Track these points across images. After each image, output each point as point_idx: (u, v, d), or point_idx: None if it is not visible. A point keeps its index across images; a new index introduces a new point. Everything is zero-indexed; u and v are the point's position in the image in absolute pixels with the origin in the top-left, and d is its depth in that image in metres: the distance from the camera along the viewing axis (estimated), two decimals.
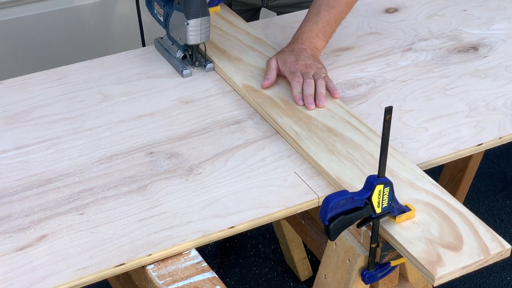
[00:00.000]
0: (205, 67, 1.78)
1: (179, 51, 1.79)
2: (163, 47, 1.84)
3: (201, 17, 1.69)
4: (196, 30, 1.69)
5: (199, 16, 1.68)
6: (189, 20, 1.68)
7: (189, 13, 1.68)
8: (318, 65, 1.68)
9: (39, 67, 1.86)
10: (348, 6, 1.77)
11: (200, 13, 1.68)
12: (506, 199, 2.80)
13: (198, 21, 1.69)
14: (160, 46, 1.85)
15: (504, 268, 2.51)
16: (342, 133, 1.53)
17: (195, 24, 1.69)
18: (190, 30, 1.69)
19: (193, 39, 1.71)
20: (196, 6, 1.67)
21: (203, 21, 1.69)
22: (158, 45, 1.86)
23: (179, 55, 1.79)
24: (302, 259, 2.42)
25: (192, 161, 1.49)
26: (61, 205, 1.38)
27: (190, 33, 1.69)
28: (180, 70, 1.76)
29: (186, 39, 1.71)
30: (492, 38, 1.92)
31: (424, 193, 1.37)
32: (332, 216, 1.22)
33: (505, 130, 1.58)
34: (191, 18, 1.68)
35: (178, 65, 1.77)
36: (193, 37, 1.70)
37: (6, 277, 1.22)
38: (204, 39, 1.72)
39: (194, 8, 1.67)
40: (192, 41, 1.71)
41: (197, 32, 1.70)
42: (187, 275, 1.26)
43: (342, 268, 1.39)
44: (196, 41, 1.72)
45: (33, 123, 1.61)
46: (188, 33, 1.69)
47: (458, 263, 1.23)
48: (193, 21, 1.68)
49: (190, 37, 1.70)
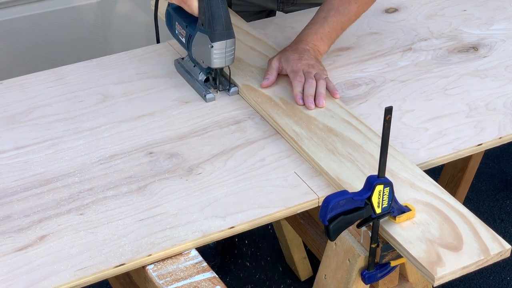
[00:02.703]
0: (229, 90, 1.68)
1: (201, 73, 1.69)
2: (184, 68, 1.75)
3: (226, 39, 1.59)
4: (221, 53, 1.60)
5: (224, 38, 1.59)
6: (213, 43, 1.58)
7: (213, 35, 1.58)
8: (320, 67, 1.69)
9: (39, 67, 1.86)
10: (357, 15, 1.77)
11: (225, 35, 1.59)
12: (506, 199, 2.80)
13: (223, 44, 1.59)
14: (181, 67, 1.76)
15: (504, 268, 2.51)
16: (342, 133, 1.53)
17: (220, 47, 1.59)
18: (215, 53, 1.60)
19: (218, 62, 1.61)
20: (221, 29, 1.57)
21: (228, 44, 1.60)
22: (179, 66, 1.77)
23: (201, 77, 1.69)
24: (302, 259, 2.42)
25: (192, 161, 1.49)
26: (61, 205, 1.38)
27: (214, 56, 1.60)
28: (203, 95, 1.67)
29: (210, 62, 1.62)
30: (492, 38, 1.92)
31: (424, 193, 1.37)
32: (332, 216, 1.22)
33: (505, 130, 1.58)
34: (216, 40, 1.58)
35: (200, 88, 1.68)
36: (217, 60, 1.61)
37: (6, 278, 1.22)
38: (228, 62, 1.63)
39: (219, 30, 1.57)
40: (216, 64, 1.62)
41: (222, 55, 1.60)
42: (187, 275, 1.26)
43: (342, 268, 1.39)
44: (221, 65, 1.62)
45: (33, 123, 1.61)
46: (213, 56, 1.60)
47: (458, 263, 1.22)
48: (218, 44, 1.59)
49: (215, 61, 1.61)
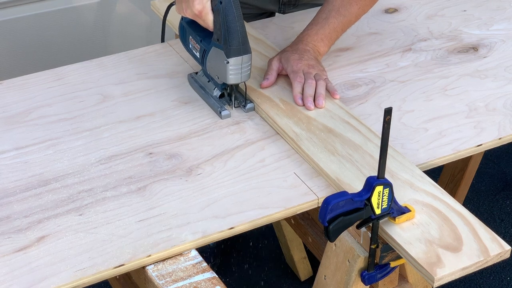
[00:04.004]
0: (245, 107, 1.64)
1: (216, 89, 1.64)
2: (198, 83, 1.70)
3: (243, 55, 1.54)
4: (236, 69, 1.55)
5: (240, 54, 1.54)
6: (229, 59, 1.54)
7: (229, 51, 1.53)
8: (320, 67, 1.69)
9: (38, 67, 1.86)
10: (357, 17, 1.77)
11: (242, 51, 1.54)
12: (506, 199, 2.80)
13: (239, 60, 1.54)
14: (195, 82, 1.71)
15: (504, 268, 2.51)
16: (341, 133, 1.53)
17: (236, 62, 1.55)
18: (230, 69, 1.55)
19: (233, 78, 1.57)
20: (237, 44, 1.53)
21: (245, 59, 1.55)
22: (192, 81, 1.71)
23: (216, 93, 1.64)
24: (302, 259, 2.42)
25: (192, 161, 1.49)
26: (61, 205, 1.38)
27: (230, 72, 1.55)
28: (218, 111, 1.61)
29: (226, 78, 1.57)
30: (492, 38, 1.92)
31: (424, 194, 1.37)
32: (332, 217, 1.22)
33: (505, 130, 1.58)
34: (231, 56, 1.54)
35: (215, 104, 1.63)
36: (233, 76, 1.56)
37: (5, 278, 1.22)
38: (244, 79, 1.58)
39: (235, 45, 1.53)
40: (232, 80, 1.57)
41: (238, 71, 1.56)
42: (187, 275, 1.26)
43: (342, 269, 1.39)
44: (237, 81, 1.58)
45: (32, 123, 1.61)
46: (228, 72, 1.55)
47: (457, 264, 1.23)
48: (234, 60, 1.54)
49: (230, 77, 1.56)
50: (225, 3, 1.51)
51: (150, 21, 2.86)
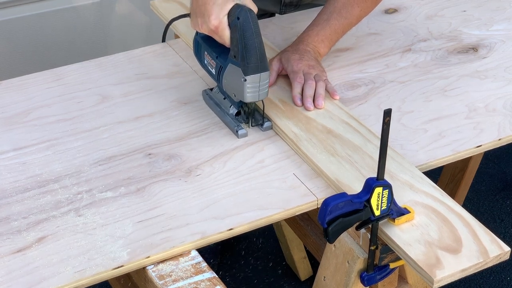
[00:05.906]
0: (262, 126, 1.58)
1: (232, 107, 1.59)
2: (213, 100, 1.64)
3: (261, 72, 1.48)
4: (254, 87, 1.49)
5: (258, 71, 1.48)
6: (246, 76, 1.48)
7: (247, 68, 1.47)
8: (320, 68, 1.68)
9: (38, 68, 1.86)
10: (358, 19, 1.77)
11: (259, 68, 1.48)
12: (506, 199, 2.80)
13: (257, 78, 1.48)
14: (210, 99, 1.65)
15: (504, 268, 2.51)
16: (341, 134, 1.53)
17: (253, 80, 1.48)
18: (248, 87, 1.49)
19: (251, 97, 1.50)
20: (255, 61, 1.47)
21: (263, 77, 1.49)
22: (207, 98, 1.66)
23: (232, 111, 1.59)
24: (302, 259, 2.42)
25: (191, 162, 1.49)
26: (59, 206, 1.38)
27: (247, 90, 1.49)
28: (235, 130, 1.56)
29: (243, 97, 1.51)
30: (492, 39, 1.91)
31: (424, 195, 1.37)
32: (331, 219, 1.22)
33: (505, 131, 1.57)
34: (249, 74, 1.48)
35: (232, 123, 1.58)
36: (250, 94, 1.50)
37: (4, 280, 1.22)
38: (262, 97, 1.52)
39: (253, 63, 1.47)
40: (249, 99, 1.51)
41: (255, 89, 1.50)
42: (187, 275, 1.26)
43: (341, 270, 1.38)
44: (254, 99, 1.51)
45: (31, 124, 1.60)
46: (246, 90, 1.49)
47: (457, 265, 1.22)
48: (251, 78, 1.48)
49: (248, 95, 1.50)
50: (242, 19, 1.45)
51: (150, 21, 2.86)
